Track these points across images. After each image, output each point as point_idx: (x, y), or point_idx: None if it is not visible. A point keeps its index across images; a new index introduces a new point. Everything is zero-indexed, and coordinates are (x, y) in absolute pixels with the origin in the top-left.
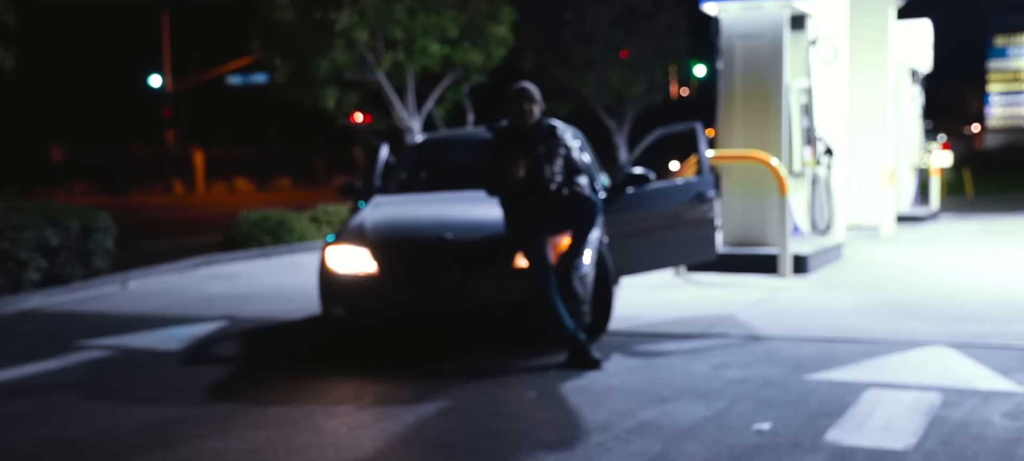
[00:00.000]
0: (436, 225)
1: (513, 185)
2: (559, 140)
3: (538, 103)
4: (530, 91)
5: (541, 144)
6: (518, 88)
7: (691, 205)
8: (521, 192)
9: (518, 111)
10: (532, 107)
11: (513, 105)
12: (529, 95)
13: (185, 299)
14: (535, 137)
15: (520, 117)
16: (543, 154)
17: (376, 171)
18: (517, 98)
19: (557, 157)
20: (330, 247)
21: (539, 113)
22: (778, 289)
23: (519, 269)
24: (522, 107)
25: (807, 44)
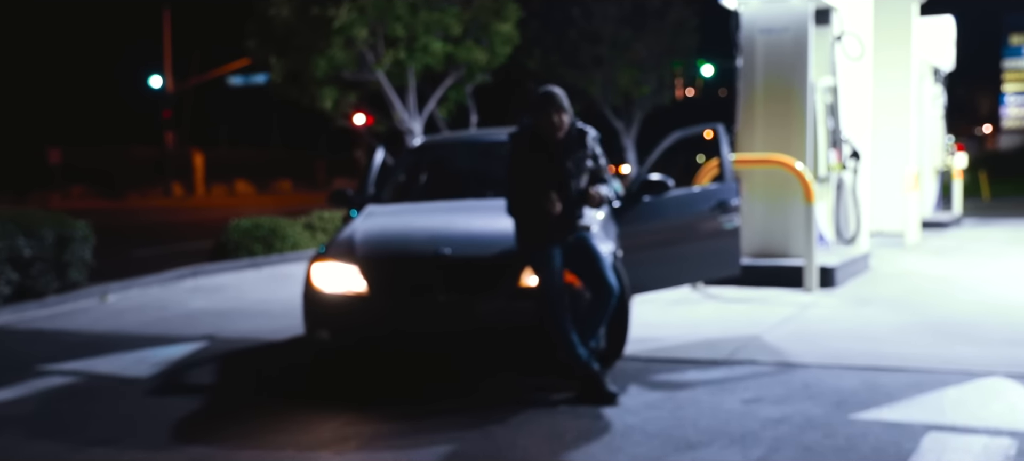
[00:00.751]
0: (433, 238)
1: (546, 220)
2: (588, 150)
3: (569, 112)
4: (560, 99)
5: (569, 159)
6: (547, 93)
7: (713, 214)
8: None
9: (546, 122)
10: (563, 118)
11: (540, 114)
12: (559, 103)
13: (165, 315)
14: (563, 150)
15: (548, 129)
16: (571, 170)
17: (370, 177)
18: (545, 106)
19: (584, 171)
20: (316, 263)
21: (569, 122)
22: (805, 306)
23: (527, 288)
24: (551, 118)
25: (832, 40)
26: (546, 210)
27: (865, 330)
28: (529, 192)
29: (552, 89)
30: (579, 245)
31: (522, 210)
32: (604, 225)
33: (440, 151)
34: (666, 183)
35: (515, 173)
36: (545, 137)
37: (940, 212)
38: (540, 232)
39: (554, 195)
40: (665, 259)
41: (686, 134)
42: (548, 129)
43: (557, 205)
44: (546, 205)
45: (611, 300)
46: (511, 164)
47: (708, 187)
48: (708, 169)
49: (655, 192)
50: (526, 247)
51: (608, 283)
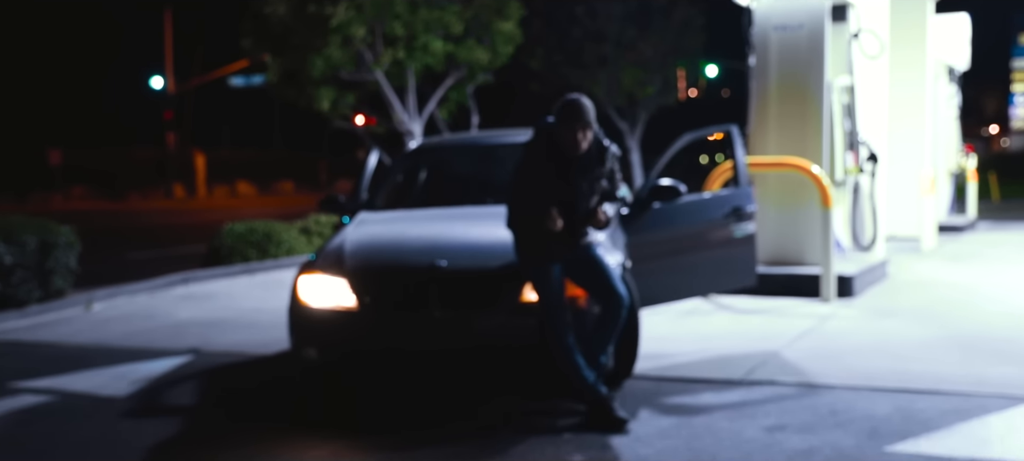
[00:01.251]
0: (429, 249)
1: (547, 237)
2: (606, 167)
3: (594, 128)
4: (588, 113)
5: (585, 177)
6: (574, 105)
7: (727, 221)
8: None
9: (569, 136)
10: (587, 135)
11: (564, 126)
12: (586, 119)
13: (150, 326)
14: (579, 167)
15: (570, 143)
16: (584, 189)
17: (363, 182)
18: (570, 118)
19: (597, 191)
20: (303, 276)
21: (592, 138)
22: (824, 317)
23: (529, 304)
24: (575, 133)
25: (849, 37)
26: (547, 227)
27: (891, 346)
28: (532, 205)
29: (580, 101)
30: (584, 256)
31: (522, 223)
32: (611, 234)
33: (438, 154)
34: (678, 189)
35: (521, 182)
36: (563, 149)
37: (954, 215)
38: (539, 248)
39: (555, 212)
40: (677, 269)
41: (698, 136)
42: (569, 143)
43: (558, 222)
44: (547, 223)
45: (621, 312)
46: (519, 171)
47: (722, 193)
48: (720, 173)
49: (666, 198)
50: (525, 262)
51: (617, 293)
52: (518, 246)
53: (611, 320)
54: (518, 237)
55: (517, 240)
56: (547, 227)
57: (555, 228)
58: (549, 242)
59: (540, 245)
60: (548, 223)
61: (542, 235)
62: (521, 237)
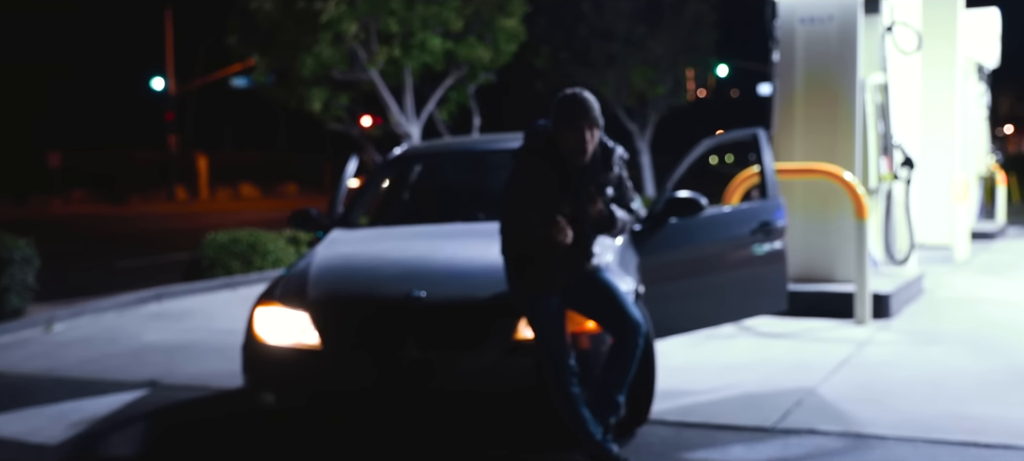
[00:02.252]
0: (406, 276)
1: (556, 253)
2: (613, 173)
3: (601, 128)
4: (594, 110)
5: (591, 182)
6: (576, 100)
7: (754, 239)
8: (545, 250)
9: (574, 138)
10: (595, 135)
11: (567, 126)
12: (593, 117)
13: (110, 351)
14: (584, 175)
15: (575, 146)
16: (590, 197)
17: (339, 194)
18: (575, 118)
19: (604, 203)
20: (259, 308)
21: (596, 142)
22: (861, 344)
23: (523, 342)
24: (582, 134)
25: (882, 31)
26: (555, 240)
27: (944, 382)
28: (531, 223)
29: (583, 95)
30: (590, 280)
31: (519, 245)
32: (621, 255)
33: (424, 162)
34: (698, 202)
35: (516, 196)
36: (567, 155)
37: (983, 221)
38: (539, 276)
39: (564, 221)
40: (697, 294)
41: (720, 141)
42: (574, 147)
43: (568, 233)
44: (554, 233)
45: (638, 340)
46: (513, 181)
47: (748, 206)
48: (740, 181)
49: (685, 213)
50: (519, 292)
51: (632, 319)
52: (511, 274)
53: (627, 353)
54: (512, 263)
55: (510, 267)
56: (556, 241)
57: (566, 240)
58: (552, 267)
59: (540, 272)
60: (556, 235)
61: (544, 259)
62: (516, 263)
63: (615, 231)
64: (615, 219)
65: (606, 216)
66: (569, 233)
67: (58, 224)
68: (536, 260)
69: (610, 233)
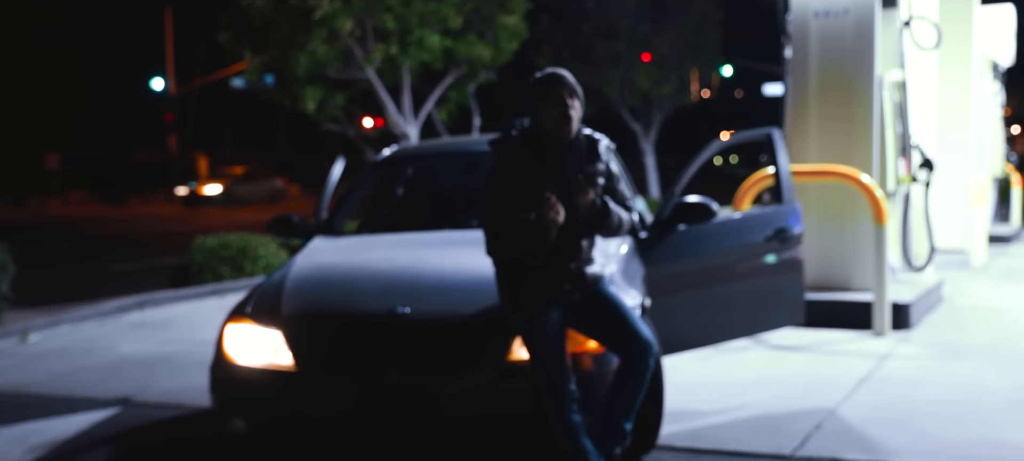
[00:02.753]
0: (389, 290)
1: (546, 241)
2: (601, 163)
3: (582, 101)
4: (572, 81)
5: (579, 171)
6: (552, 73)
7: (769, 247)
8: (548, 261)
9: (555, 112)
10: (576, 105)
11: (544, 101)
12: (572, 86)
13: (85, 364)
14: (570, 158)
15: (557, 123)
16: (581, 187)
17: (323, 199)
18: (553, 87)
19: (595, 189)
20: (230, 325)
21: (578, 122)
22: (881, 358)
23: (517, 364)
24: (563, 106)
25: (900, 26)
26: (547, 221)
27: (974, 401)
28: (518, 215)
29: (559, 70)
30: (592, 294)
31: (506, 247)
32: (625, 265)
33: (414, 164)
34: (709, 207)
35: (499, 190)
36: (549, 139)
37: (998, 224)
38: (533, 286)
39: (554, 199)
40: (707, 307)
41: (733, 142)
42: (556, 120)
43: (560, 211)
44: (544, 212)
45: (648, 362)
46: (494, 177)
47: (762, 211)
48: (752, 183)
49: (694, 219)
50: (513, 306)
51: (642, 339)
52: (502, 287)
53: (636, 376)
54: (503, 272)
55: (501, 278)
56: (548, 222)
57: (558, 219)
58: (548, 277)
59: (535, 283)
60: (547, 213)
61: (538, 265)
62: (508, 272)
63: (611, 225)
64: (609, 210)
65: (599, 208)
66: (560, 210)
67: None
68: (529, 267)
69: (606, 228)
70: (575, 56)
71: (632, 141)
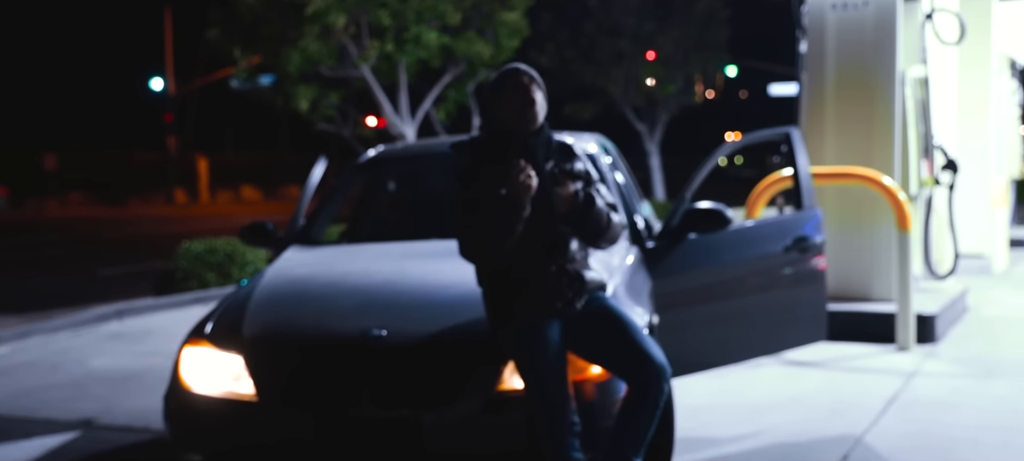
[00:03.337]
0: (364, 309)
1: (521, 213)
2: (579, 162)
3: (544, 91)
4: (532, 71)
5: (550, 160)
6: (511, 65)
7: (789, 257)
8: (525, 257)
9: (520, 96)
10: (537, 94)
11: (510, 88)
12: (534, 75)
13: (53, 380)
14: (541, 147)
15: (523, 102)
16: (556, 179)
17: (300, 205)
18: (511, 77)
19: (574, 184)
20: (187, 348)
21: (544, 114)
22: (908, 376)
23: (510, 394)
24: (527, 88)
25: (922, 19)
26: (519, 187)
27: (1017, 426)
28: (495, 218)
29: (516, 64)
30: (596, 312)
31: (481, 233)
32: (630, 279)
33: (399, 167)
34: (723, 214)
35: (465, 191)
36: (515, 129)
37: (1015, 227)
38: (525, 298)
39: (524, 164)
40: (721, 324)
41: (749, 142)
42: (521, 104)
43: (531, 175)
44: (516, 178)
45: (662, 386)
46: (460, 190)
47: (779, 218)
48: (766, 186)
49: (706, 227)
50: (502, 324)
51: (654, 362)
52: (489, 302)
53: (647, 404)
54: (489, 286)
55: (487, 292)
56: (519, 186)
57: (530, 183)
58: (540, 287)
59: (528, 295)
60: (518, 178)
61: (525, 269)
62: (494, 285)
63: (599, 221)
64: (593, 200)
65: (582, 202)
66: (531, 173)
67: (50, 227)
68: (520, 273)
69: (593, 225)
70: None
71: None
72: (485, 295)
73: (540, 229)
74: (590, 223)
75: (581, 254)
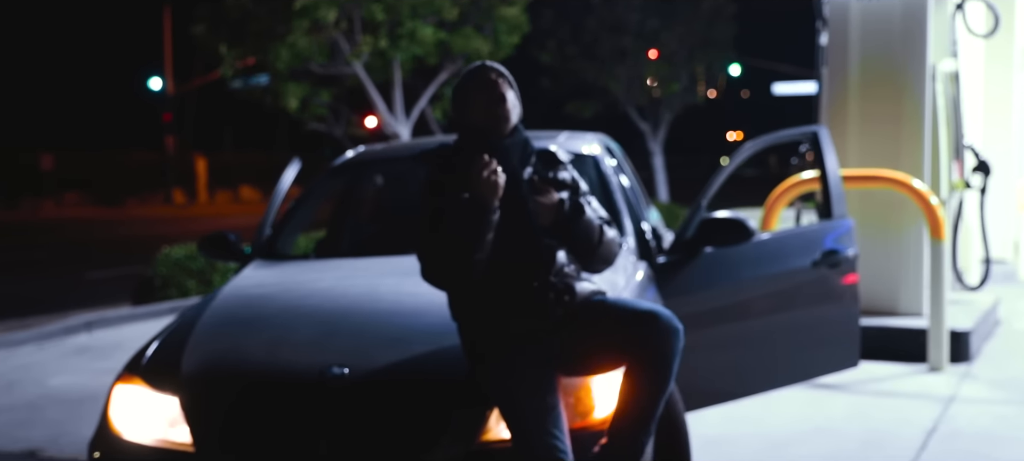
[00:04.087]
0: (325, 340)
1: (483, 226)
2: (564, 171)
3: (515, 90)
4: (501, 68)
5: (534, 172)
6: (479, 63)
7: (818, 272)
8: (500, 276)
9: (488, 94)
10: (508, 92)
11: (477, 87)
12: (499, 70)
13: (5, 402)
14: (516, 150)
15: (488, 107)
16: (535, 186)
17: (268, 213)
18: (478, 75)
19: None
20: (119, 385)
21: (518, 114)
22: (945, 401)
23: (494, 444)
24: (495, 85)
25: (953, 9)
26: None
27: None
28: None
29: (481, 61)
30: (591, 311)
31: (442, 246)
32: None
33: (377, 170)
34: (745, 226)
35: (435, 213)
36: (487, 131)
37: None
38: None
39: (489, 159)
40: (741, 351)
41: (772, 142)
42: (488, 109)
43: (498, 173)
44: (479, 174)
45: (674, 344)
46: (424, 204)
47: (806, 229)
48: (783, 191)
49: (725, 240)
50: (480, 356)
51: (658, 316)
52: (463, 331)
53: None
54: (459, 313)
55: (458, 319)
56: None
57: (496, 180)
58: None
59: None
60: (481, 175)
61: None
62: (464, 311)
63: (590, 233)
64: (582, 213)
65: (568, 212)
66: (497, 169)
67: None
68: (491, 296)
69: (580, 238)
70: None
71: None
72: (458, 327)
73: (517, 244)
74: (578, 237)
75: (572, 267)
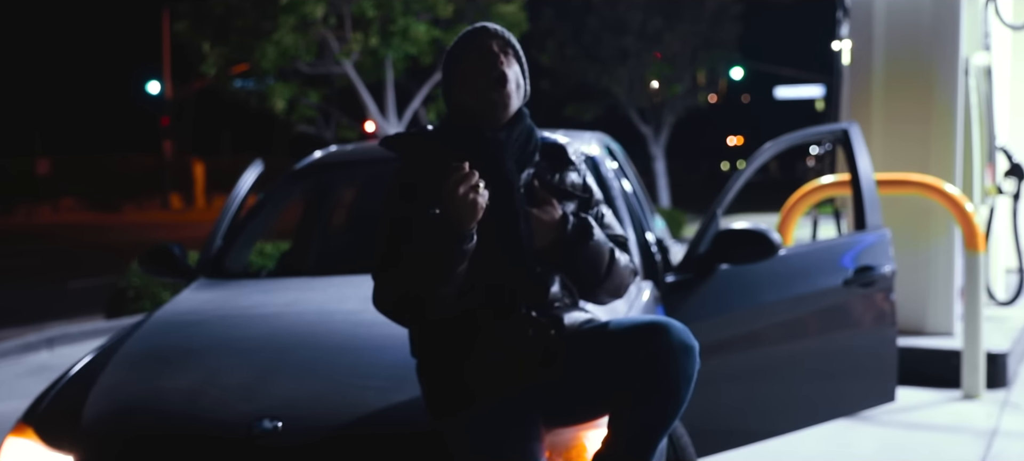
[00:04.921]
0: (257, 386)
1: (452, 258)
2: (575, 173)
3: (522, 63)
4: (504, 32)
5: (535, 175)
6: (473, 27)
7: (850, 292)
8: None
9: (484, 65)
10: (509, 73)
11: (465, 55)
12: (504, 37)
13: None
14: (513, 146)
15: (484, 93)
16: (536, 196)
17: (220, 222)
18: (473, 40)
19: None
20: (11, 438)
21: (522, 97)
22: (988, 436)
23: None
24: (494, 54)
25: (985, 1)
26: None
27: None
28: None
29: (480, 23)
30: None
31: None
32: None
33: (342, 174)
34: (768, 238)
35: (398, 222)
36: (479, 118)
37: None
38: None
39: (468, 170)
40: (763, 385)
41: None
42: (484, 90)
43: (479, 188)
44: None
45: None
46: (384, 207)
47: (836, 242)
48: (801, 197)
49: (744, 256)
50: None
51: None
52: (423, 375)
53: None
54: (420, 350)
55: (420, 361)
56: (460, 203)
57: (477, 199)
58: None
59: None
60: (456, 191)
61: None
62: (427, 347)
63: (594, 263)
64: (589, 235)
65: (571, 232)
66: (478, 185)
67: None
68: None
69: (584, 266)
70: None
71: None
72: (419, 370)
73: (497, 271)
74: (581, 264)
75: (566, 298)
